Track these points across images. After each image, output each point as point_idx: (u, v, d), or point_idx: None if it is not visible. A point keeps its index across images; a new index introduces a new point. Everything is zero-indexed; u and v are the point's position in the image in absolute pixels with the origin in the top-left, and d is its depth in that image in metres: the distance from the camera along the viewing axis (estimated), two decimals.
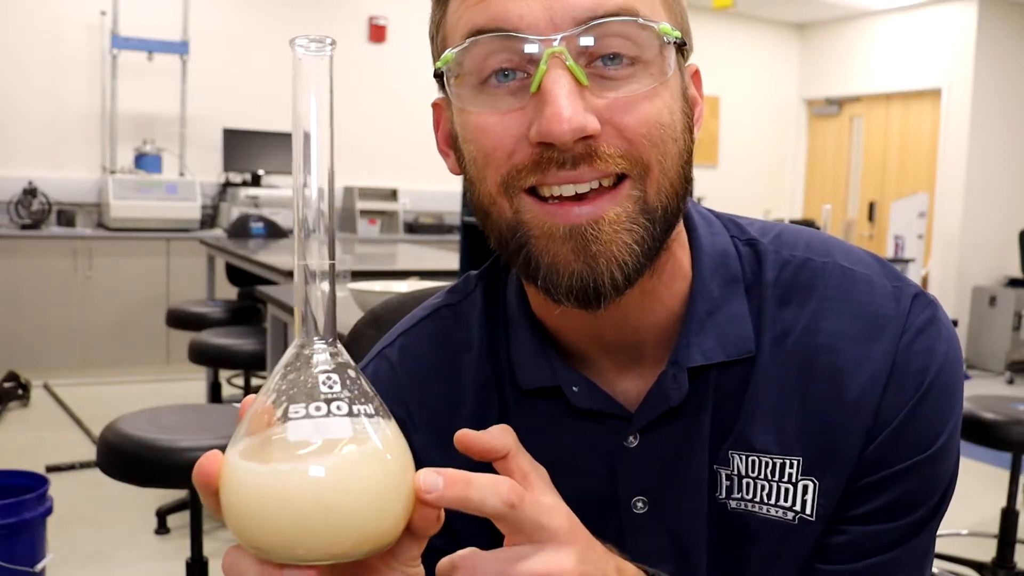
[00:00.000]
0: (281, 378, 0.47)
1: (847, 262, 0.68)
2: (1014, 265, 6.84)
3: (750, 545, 0.67)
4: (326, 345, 0.48)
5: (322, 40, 0.47)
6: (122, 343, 5.28)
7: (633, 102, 0.57)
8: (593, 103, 0.57)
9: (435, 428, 0.72)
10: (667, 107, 0.59)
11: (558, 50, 0.56)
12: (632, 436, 0.67)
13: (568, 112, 0.55)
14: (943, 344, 0.65)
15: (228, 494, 0.46)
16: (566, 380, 0.67)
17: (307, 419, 0.45)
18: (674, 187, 0.60)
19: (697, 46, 0.67)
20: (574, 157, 0.57)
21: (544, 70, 0.56)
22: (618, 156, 0.57)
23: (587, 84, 0.57)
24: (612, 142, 0.57)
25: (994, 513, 2.91)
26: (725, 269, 0.68)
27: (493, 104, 0.59)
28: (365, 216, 6.05)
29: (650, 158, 0.58)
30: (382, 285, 2.19)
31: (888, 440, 0.64)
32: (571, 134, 0.55)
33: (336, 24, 6.26)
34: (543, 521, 0.51)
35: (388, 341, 0.77)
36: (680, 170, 0.60)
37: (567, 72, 0.56)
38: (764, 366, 0.66)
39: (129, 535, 2.98)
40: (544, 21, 0.56)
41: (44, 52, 5.47)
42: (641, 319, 0.66)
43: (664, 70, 0.58)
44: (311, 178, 0.47)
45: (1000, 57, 6.87)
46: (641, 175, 0.58)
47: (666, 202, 0.60)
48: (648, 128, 0.58)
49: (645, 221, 0.59)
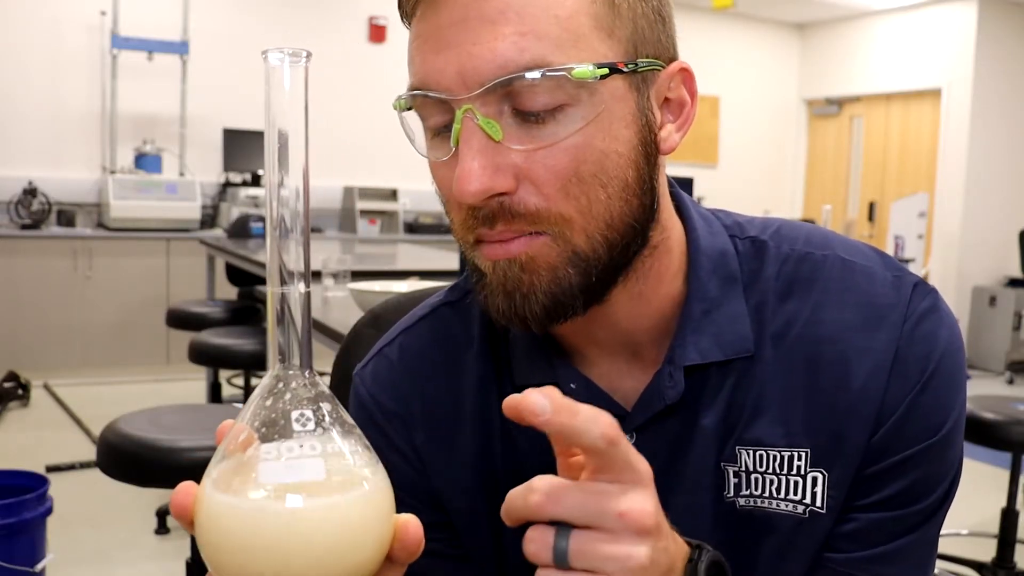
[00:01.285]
0: (256, 411, 0.46)
1: (847, 254, 0.69)
2: (1014, 265, 6.84)
3: (761, 541, 0.67)
4: (302, 376, 0.47)
5: (298, 53, 0.46)
6: (122, 343, 5.28)
7: (551, 154, 0.57)
8: (508, 159, 0.57)
9: (436, 425, 0.73)
10: (597, 150, 0.58)
11: (467, 108, 0.57)
12: (628, 435, 0.67)
13: (473, 174, 0.56)
14: (945, 331, 0.66)
15: (202, 527, 0.45)
16: (564, 377, 0.68)
17: (278, 460, 0.45)
18: (611, 226, 0.60)
19: (697, 46, 0.67)
20: (491, 214, 0.58)
21: (458, 128, 0.57)
22: (532, 215, 0.58)
23: (501, 139, 0.57)
24: (528, 199, 0.58)
25: (994, 513, 2.91)
26: (723, 269, 0.68)
27: (435, 153, 0.61)
28: (365, 216, 6.06)
29: (570, 211, 0.58)
30: (382, 285, 2.19)
31: (894, 428, 0.64)
32: (475, 197, 0.57)
33: (336, 24, 6.27)
34: (633, 462, 0.51)
35: (388, 339, 0.77)
36: (617, 208, 0.60)
37: (479, 129, 0.57)
38: (767, 361, 0.66)
39: (129, 535, 2.98)
40: (456, 82, 0.57)
41: (44, 52, 5.48)
42: (631, 321, 0.67)
43: (594, 108, 0.58)
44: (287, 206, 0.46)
45: (1000, 57, 6.87)
46: (561, 229, 0.59)
47: (601, 243, 0.60)
48: (563, 182, 0.58)
49: (571, 267, 0.60)
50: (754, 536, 0.67)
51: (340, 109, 6.19)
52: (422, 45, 0.59)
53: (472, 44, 0.56)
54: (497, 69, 0.56)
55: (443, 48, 0.57)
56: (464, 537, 0.74)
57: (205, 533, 0.45)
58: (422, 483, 0.73)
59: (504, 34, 0.56)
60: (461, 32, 0.57)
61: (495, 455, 0.72)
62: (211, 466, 0.47)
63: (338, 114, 6.18)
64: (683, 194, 0.71)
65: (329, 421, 0.47)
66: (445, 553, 0.74)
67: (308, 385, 0.47)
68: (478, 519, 0.73)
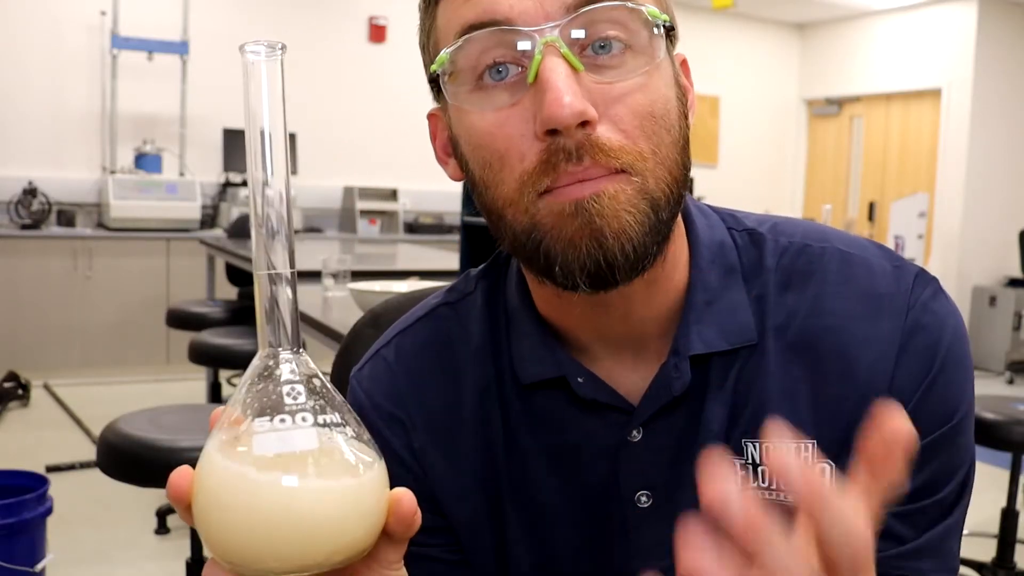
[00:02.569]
0: (247, 390, 0.47)
1: (845, 246, 0.69)
2: (1014, 265, 6.84)
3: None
4: (291, 355, 0.48)
5: (273, 45, 0.47)
6: (122, 343, 5.28)
7: (626, 92, 0.58)
8: (589, 90, 0.57)
9: (435, 427, 0.72)
10: (660, 95, 0.60)
11: (552, 39, 0.56)
12: (635, 430, 0.67)
13: (568, 96, 0.55)
14: (952, 318, 0.66)
15: (198, 508, 0.46)
16: (571, 373, 0.67)
17: (272, 432, 0.45)
18: (672, 175, 0.60)
19: (697, 46, 0.68)
20: (578, 147, 0.57)
21: (539, 59, 0.56)
22: (616, 149, 0.58)
23: (582, 70, 0.57)
24: (610, 135, 0.58)
25: (994, 513, 2.91)
26: (723, 259, 0.68)
27: (491, 102, 0.59)
28: (365, 216, 6.05)
29: (645, 150, 0.59)
30: (382, 285, 2.19)
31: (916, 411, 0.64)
32: (573, 117, 0.55)
33: (336, 24, 6.26)
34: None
35: (385, 341, 0.76)
36: (677, 157, 0.61)
37: (563, 60, 0.56)
38: (770, 353, 0.66)
39: (129, 535, 2.98)
40: (535, 11, 0.57)
41: (44, 52, 5.48)
42: (645, 310, 0.66)
43: (654, 55, 0.59)
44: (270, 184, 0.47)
45: (1000, 57, 6.87)
46: (639, 167, 0.59)
47: (666, 189, 0.60)
48: (641, 120, 0.58)
49: (646, 206, 0.59)
50: None
51: (340, 109, 6.19)
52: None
53: None
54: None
55: None
56: (464, 542, 0.73)
57: (202, 511, 0.45)
58: (421, 487, 0.72)
59: None
60: None
61: (497, 458, 0.71)
62: (205, 446, 0.47)
63: (338, 114, 6.18)
64: None
65: (320, 395, 0.47)
66: (444, 559, 0.73)
67: (296, 363, 0.48)
68: (479, 523, 0.72)
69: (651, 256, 0.60)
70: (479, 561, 0.73)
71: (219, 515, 0.45)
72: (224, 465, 0.45)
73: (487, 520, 0.72)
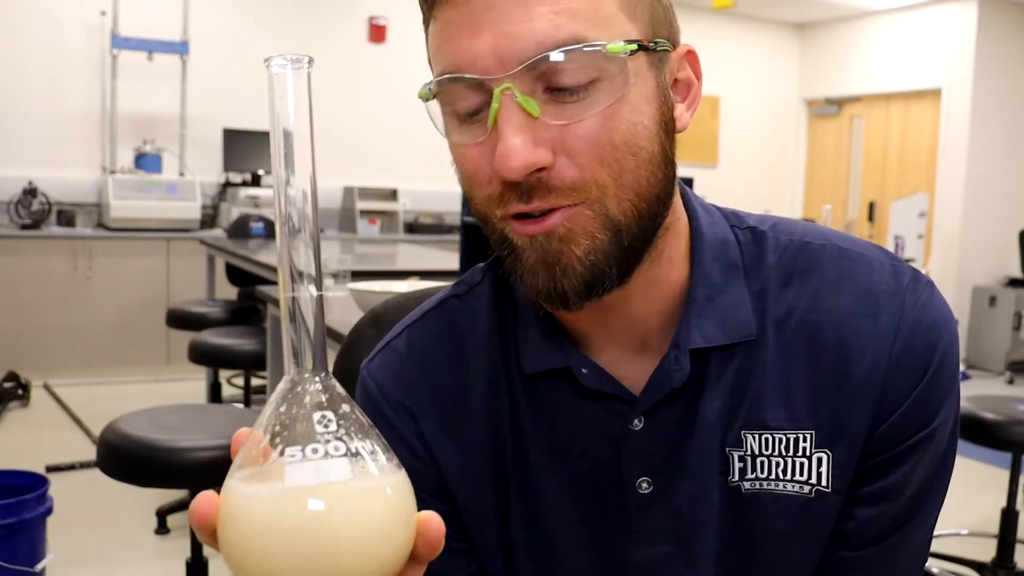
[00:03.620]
0: (274, 415, 0.47)
1: (844, 244, 0.71)
2: (1014, 265, 6.84)
3: (767, 523, 0.68)
4: (319, 379, 0.48)
5: (300, 59, 0.47)
6: (122, 343, 5.28)
7: (585, 127, 0.59)
8: (545, 134, 0.59)
9: (444, 415, 0.73)
10: (625, 123, 0.60)
11: (506, 87, 0.58)
12: (637, 419, 0.69)
13: (516, 150, 0.58)
14: (947, 319, 0.68)
15: (227, 532, 0.45)
16: (575, 364, 0.69)
17: (304, 462, 0.45)
18: (640, 195, 0.62)
19: (697, 46, 0.69)
20: (528, 189, 0.60)
21: (496, 107, 0.59)
22: (568, 187, 0.60)
23: (539, 115, 0.59)
24: (564, 172, 0.60)
25: (994, 513, 2.91)
26: (725, 255, 0.70)
27: (464, 134, 0.62)
28: (365, 216, 6.05)
29: (604, 179, 0.60)
30: (382, 285, 2.19)
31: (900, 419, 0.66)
32: (518, 172, 0.58)
33: (336, 24, 6.26)
34: None
35: (396, 333, 0.78)
36: (645, 177, 0.62)
37: (518, 107, 0.58)
38: (770, 347, 0.68)
39: (129, 535, 2.98)
40: (493, 62, 0.59)
41: (44, 52, 5.47)
42: (645, 307, 0.68)
43: (624, 83, 0.60)
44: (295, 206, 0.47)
45: (1000, 57, 6.87)
46: (597, 196, 0.60)
47: (631, 211, 0.62)
48: (599, 151, 0.59)
49: (605, 234, 0.61)
50: (761, 519, 0.68)
51: (340, 109, 6.18)
52: (454, 31, 0.60)
53: (509, 24, 0.58)
54: (536, 46, 0.58)
55: (479, 31, 0.59)
56: (471, 530, 0.75)
57: (230, 537, 0.45)
58: (430, 475, 0.74)
59: (540, 13, 0.58)
60: (497, 14, 0.58)
61: (504, 446, 0.72)
62: (232, 472, 0.47)
63: (338, 114, 6.18)
64: (684, 185, 0.72)
65: (350, 422, 0.47)
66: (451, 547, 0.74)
67: (325, 388, 0.47)
68: (486, 511, 0.73)
69: (610, 280, 0.62)
70: (484, 547, 0.74)
71: (251, 544, 0.44)
72: (255, 495, 0.45)
73: (493, 506, 0.73)
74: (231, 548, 0.45)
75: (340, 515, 0.44)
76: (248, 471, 0.46)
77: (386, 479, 0.47)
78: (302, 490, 0.44)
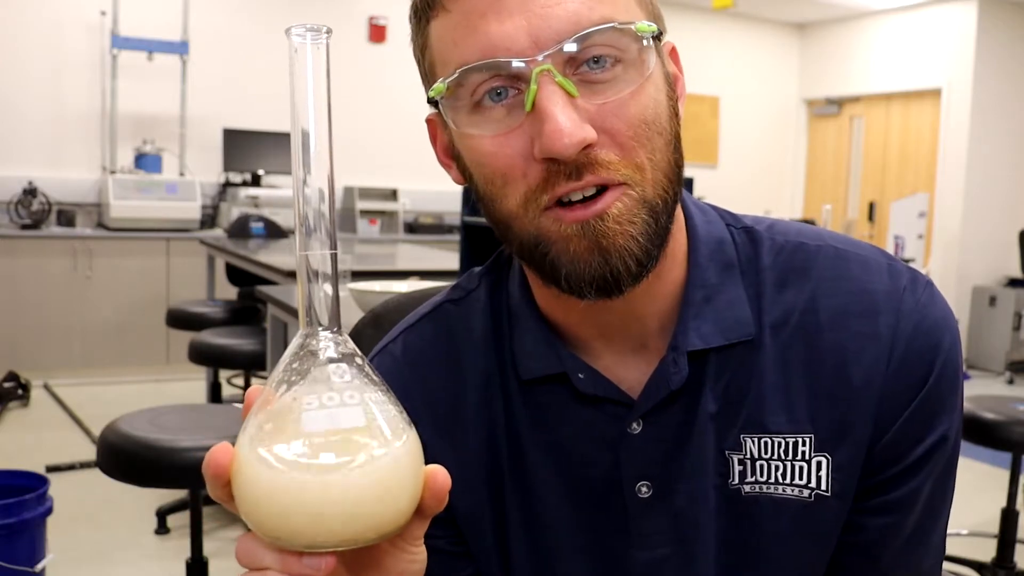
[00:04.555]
0: (287, 368, 0.48)
1: (840, 244, 0.71)
2: (1014, 265, 6.84)
3: (768, 527, 0.68)
4: (332, 334, 0.49)
5: (318, 29, 0.47)
6: (122, 343, 5.28)
7: (621, 105, 0.60)
8: (586, 111, 0.59)
9: (440, 420, 0.73)
10: (652, 101, 0.61)
11: (546, 68, 0.58)
12: (635, 422, 0.68)
13: (568, 127, 0.57)
14: (948, 319, 0.68)
15: (242, 485, 0.46)
16: (572, 367, 0.69)
17: (321, 409, 0.46)
18: (667, 176, 0.63)
19: (697, 46, 0.69)
20: (578, 167, 0.59)
21: (535, 89, 0.58)
22: (614, 163, 0.60)
23: (577, 95, 0.59)
24: (608, 149, 0.60)
25: (994, 513, 2.91)
26: (721, 255, 0.70)
27: (490, 125, 0.61)
28: (365, 216, 6.05)
29: (642, 159, 0.61)
30: (382, 285, 2.19)
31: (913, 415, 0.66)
32: (573, 148, 0.58)
33: (336, 24, 6.25)
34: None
35: (391, 337, 0.78)
36: (670, 158, 0.63)
37: (558, 87, 0.58)
38: (768, 349, 0.68)
39: (129, 535, 2.98)
40: (529, 43, 0.58)
41: (44, 52, 5.47)
42: (645, 307, 0.68)
43: (647, 65, 0.61)
44: (311, 174, 0.48)
45: (1000, 57, 6.87)
46: (637, 177, 0.61)
47: (663, 193, 0.62)
48: (636, 130, 0.60)
49: (646, 215, 0.61)
50: (761, 522, 0.68)
51: (340, 109, 6.14)
52: (478, 20, 0.60)
53: (542, 7, 0.58)
54: (572, 26, 0.58)
55: (508, 15, 0.59)
56: (468, 534, 0.74)
57: (248, 490, 0.46)
58: None
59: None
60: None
61: (500, 451, 0.72)
62: (247, 424, 0.48)
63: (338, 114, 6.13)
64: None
65: (364, 375, 0.48)
66: (449, 551, 0.74)
67: (340, 342, 0.49)
68: (482, 516, 0.73)
69: (654, 260, 0.62)
70: (482, 552, 0.74)
71: (267, 494, 0.45)
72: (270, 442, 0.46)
73: (490, 511, 0.73)
74: (246, 501, 0.46)
75: (355, 461, 0.45)
76: (264, 419, 0.47)
77: (398, 431, 0.48)
78: (318, 436, 0.45)
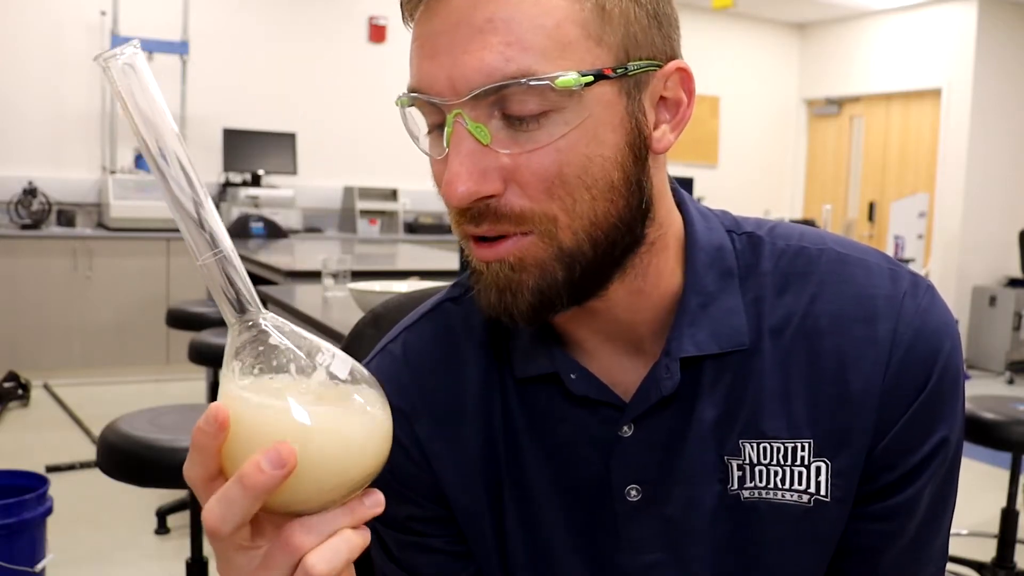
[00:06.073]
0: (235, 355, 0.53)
1: (842, 248, 0.70)
2: (1014, 265, 6.84)
3: (767, 532, 0.68)
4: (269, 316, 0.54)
5: (122, 51, 0.51)
6: (122, 343, 5.28)
7: (536, 158, 0.59)
8: (496, 162, 0.59)
9: (439, 418, 0.73)
10: (582, 154, 0.59)
11: (457, 112, 0.59)
12: (626, 426, 0.68)
13: (460, 179, 0.58)
14: (949, 324, 0.67)
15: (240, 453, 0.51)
16: (564, 367, 0.69)
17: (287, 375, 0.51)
18: (596, 225, 0.61)
19: (697, 46, 0.68)
20: (477, 214, 0.60)
21: (449, 132, 0.59)
22: (517, 215, 0.60)
23: (489, 142, 0.59)
24: (513, 202, 0.59)
25: (994, 513, 2.91)
26: (720, 263, 0.69)
27: (434, 148, 0.63)
28: (365, 216, 6.05)
29: (554, 211, 0.60)
30: (382, 285, 2.19)
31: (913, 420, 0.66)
32: (464, 199, 0.59)
33: (336, 24, 6.26)
34: None
35: (392, 336, 0.78)
36: (608, 206, 0.61)
37: (468, 134, 0.59)
38: (767, 354, 0.67)
39: (129, 535, 2.98)
40: (447, 88, 0.59)
41: (44, 52, 5.47)
42: (631, 315, 0.68)
43: (578, 114, 0.58)
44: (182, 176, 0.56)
45: (1000, 57, 6.87)
46: (547, 227, 0.60)
47: (587, 241, 0.61)
48: (548, 184, 0.59)
49: (558, 263, 0.61)
50: (760, 527, 0.68)
51: (340, 109, 6.18)
52: (419, 49, 0.61)
53: (461, 52, 0.58)
54: (484, 78, 0.57)
55: (435, 54, 0.59)
56: (467, 533, 0.75)
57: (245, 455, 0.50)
58: (425, 478, 0.74)
59: (491, 44, 0.57)
60: (452, 40, 0.58)
61: (498, 450, 0.72)
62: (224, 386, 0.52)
63: (338, 114, 6.18)
64: (683, 191, 0.72)
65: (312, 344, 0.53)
66: (447, 550, 0.75)
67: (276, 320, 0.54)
68: (480, 513, 0.73)
69: (560, 305, 0.63)
70: (480, 551, 0.74)
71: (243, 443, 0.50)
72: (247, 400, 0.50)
73: (488, 510, 0.73)
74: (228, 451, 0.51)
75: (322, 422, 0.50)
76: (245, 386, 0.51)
77: (360, 390, 0.53)
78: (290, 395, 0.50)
